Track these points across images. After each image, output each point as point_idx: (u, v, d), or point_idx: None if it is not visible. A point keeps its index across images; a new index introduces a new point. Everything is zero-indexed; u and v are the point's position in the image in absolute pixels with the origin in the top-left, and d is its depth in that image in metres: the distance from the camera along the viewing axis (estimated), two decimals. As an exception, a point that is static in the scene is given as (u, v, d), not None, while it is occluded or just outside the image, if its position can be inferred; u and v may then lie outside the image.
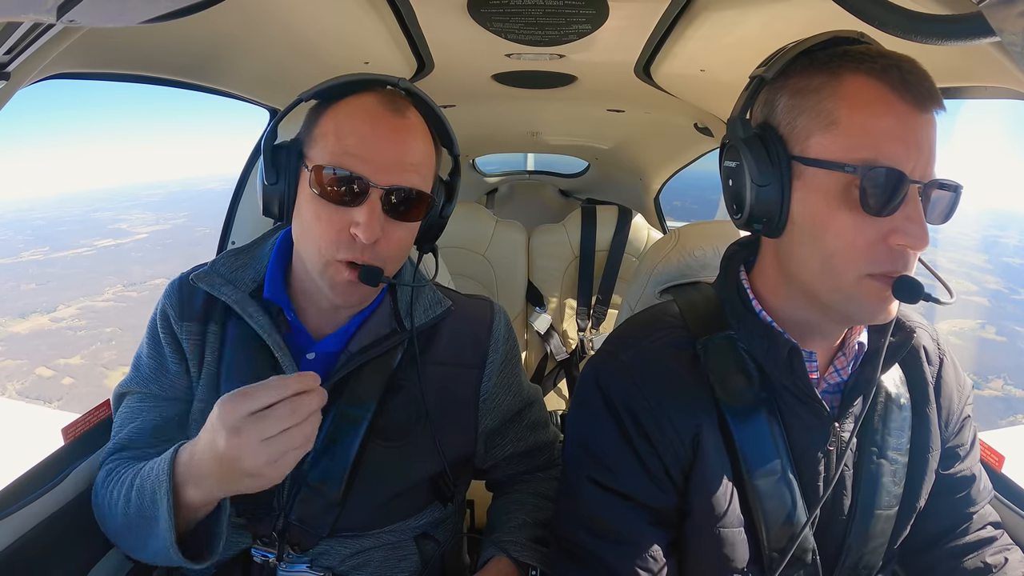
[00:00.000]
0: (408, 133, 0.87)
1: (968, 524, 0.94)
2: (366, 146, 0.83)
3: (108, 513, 0.89)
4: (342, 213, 0.83)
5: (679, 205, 3.44)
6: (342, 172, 0.82)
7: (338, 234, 0.84)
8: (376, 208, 0.83)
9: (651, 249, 1.38)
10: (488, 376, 1.04)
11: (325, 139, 0.85)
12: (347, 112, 0.86)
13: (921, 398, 0.90)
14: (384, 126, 0.85)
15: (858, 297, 0.72)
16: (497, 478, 1.19)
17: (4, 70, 0.77)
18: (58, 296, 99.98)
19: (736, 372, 0.83)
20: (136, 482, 0.84)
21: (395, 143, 0.85)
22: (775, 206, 0.74)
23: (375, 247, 0.85)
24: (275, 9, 1.17)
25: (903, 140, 0.68)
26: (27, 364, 70.69)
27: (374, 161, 0.83)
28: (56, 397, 58.37)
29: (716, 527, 0.81)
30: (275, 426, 0.69)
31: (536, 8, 1.19)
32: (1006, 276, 74.58)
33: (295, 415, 0.70)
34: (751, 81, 0.78)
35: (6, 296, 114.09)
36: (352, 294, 0.88)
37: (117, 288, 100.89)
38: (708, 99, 1.88)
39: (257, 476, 0.72)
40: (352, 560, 0.97)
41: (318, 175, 0.83)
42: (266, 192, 0.89)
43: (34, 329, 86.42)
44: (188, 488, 0.78)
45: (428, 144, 0.91)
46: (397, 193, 0.84)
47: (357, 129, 0.84)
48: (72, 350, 74.92)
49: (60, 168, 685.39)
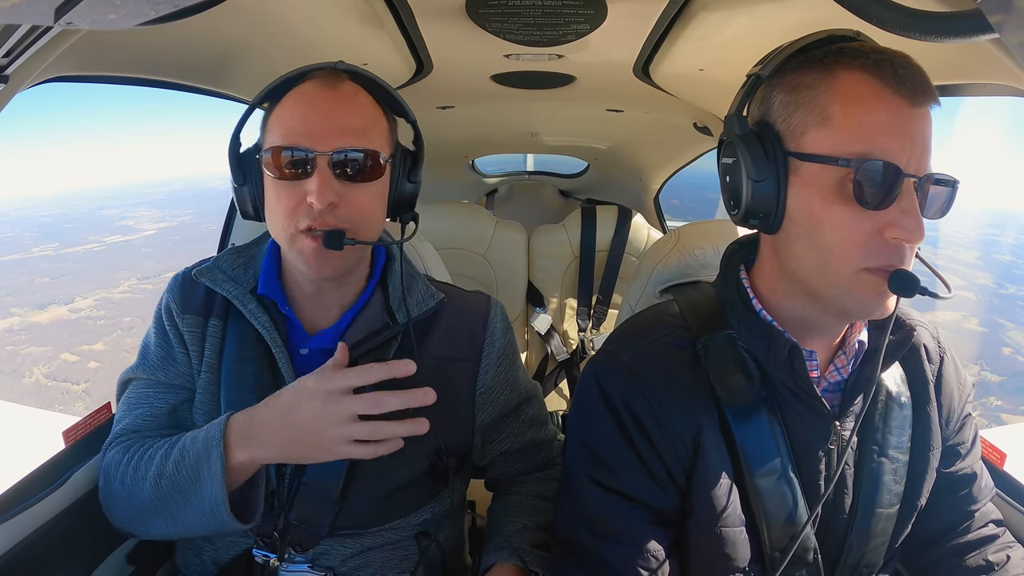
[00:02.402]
0: (344, 102, 0.90)
1: (970, 522, 0.94)
2: (307, 122, 0.88)
3: (131, 492, 0.90)
4: (297, 187, 0.87)
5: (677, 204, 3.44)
6: (287, 149, 0.87)
7: (296, 205, 0.87)
8: (326, 174, 0.86)
9: (651, 249, 1.38)
10: (485, 369, 1.05)
11: (274, 130, 0.90)
12: (289, 101, 0.91)
13: (922, 396, 0.90)
14: (321, 100, 0.89)
15: (855, 291, 0.73)
16: (496, 477, 1.18)
17: (2, 73, 0.77)
18: (73, 289, 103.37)
19: (736, 371, 0.83)
20: (174, 453, 0.88)
21: (332, 112, 0.89)
22: (771, 201, 0.75)
23: (335, 212, 0.87)
24: (273, 11, 1.17)
25: (897, 134, 0.69)
26: (51, 351, 73.84)
27: (315, 133, 0.87)
28: (83, 379, 61.04)
29: (717, 527, 0.81)
30: (377, 407, 0.79)
31: (535, 8, 1.19)
32: (996, 272, 75.84)
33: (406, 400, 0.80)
34: (748, 79, 0.79)
35: (22, 289, 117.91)
36: (324, 263, 0.89)
37: (131, 281, 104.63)
38: (707, 98, 1.88)
39: (322, 450, 0.80)
40: (353, 560, 0.97)
41: (270, 158, 0.88)
42: (238, 195, 0.95)
43: (54, 319, 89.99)
44: (237, 451, 0.84)
45: (371, 110, 0.93)
46: (345, 156, 0.87)
47: (297, 112, 0.89)
48: (94, 337, 78.46)
49: (61, 167, 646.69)
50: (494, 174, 3.79)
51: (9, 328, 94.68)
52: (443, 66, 1.68)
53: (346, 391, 0.82)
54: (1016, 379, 44.28)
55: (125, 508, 0.92)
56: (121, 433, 0.97)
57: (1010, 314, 59.72)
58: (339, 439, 0.81)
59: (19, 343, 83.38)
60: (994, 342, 51.04)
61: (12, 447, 2.17)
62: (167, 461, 0.88)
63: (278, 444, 0.83)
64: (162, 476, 0.87)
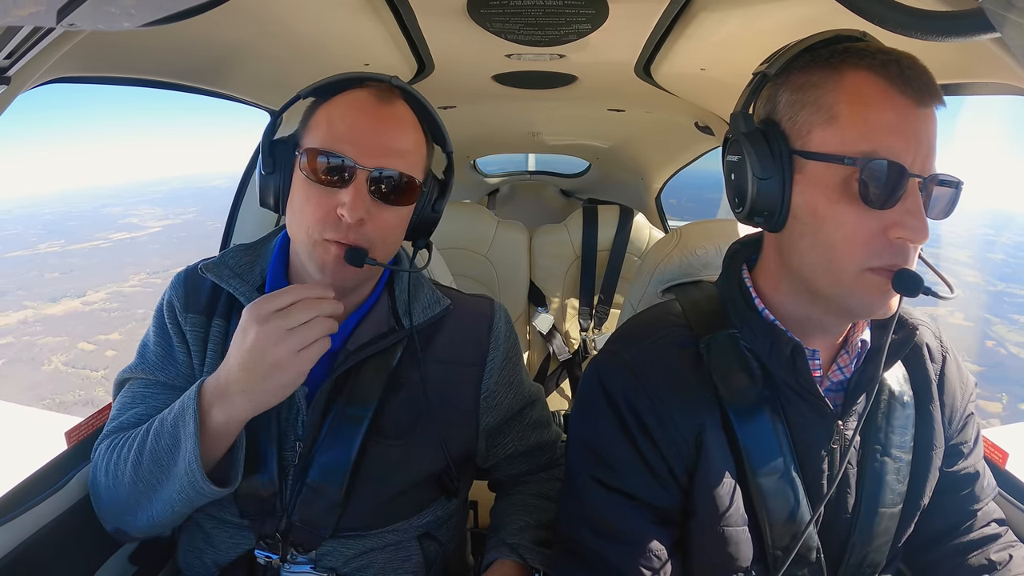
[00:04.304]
0: (395, 121, 0.90)
1: (972, 521, 0.94)
2: (354, 132, 0.87)
3: (114, 479, 0.90)
4: (330, 195, 0.86)
5: (675, 203, 3.44)
6: (330, 155, 0.86)
7: (326, 215, 0.86)
8: (362, 189, 0.86)
9: (653, 248, 1.38)
10: (489, 374, 1.05)
11: (317, 128, 0.89)
12: (339, 105, 0.90)
13: (924, 395, 0.90)
14: (372, 114, 0.89)
15: (858, 291, 0.73)
16: (499, 478, 1.19)
17: (4, 74, 0.77)
18: (84, 283, 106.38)
19: (739, 370, 0.83)
20: (154, 426, 0.87)
21: (382, 129, 0.89)
22: (776, 199, 0.75)
23: (361, 228, 0.87)
24: (275, 12, 1.17)
25: (902, 133, 0.69)
26: (68, 340, 76.27)
27: (360, 145, 0.86)
28: (101, 367, 62.98)
29: (720, 526, 0.81)
30: (297, 317, 0.79)
31: (536, 8, 1.19)
32: (985, 270, 77.12)
33: (315, 309, 0.80)
34: (754, 77, 0.79)
35: (32, 283, 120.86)
36: (340, 275, 0.89)
37: (141, 276, 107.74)
38: (709, 98, 1.88)
39: (281, 368, 0.79)
40: (355, 561, 0.97)
41: (308, 159, 0.87)
42: (263, 182, 0.93)
43: (67, 311, 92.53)
44: (214, 411, 0.83)
45: (417, 135, 0.93)
46: (382, 175, 0.87)
47: (346, 117, 0.88)
48: (110, 328, 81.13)
49: (62, 166, 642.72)
50: (496, 174, 3.79)
51: (24, 320, 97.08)
52: (444, 66, 1.68)
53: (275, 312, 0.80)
54: (996, 369, 46.78)
55: (111, 499, 0.91)
56: (113, 431, 0.96)
57: (997, 309, 61.23)
58: (286, 353, 0.79)
59: (35, 333, 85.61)
60: (979, 335, 53.78)
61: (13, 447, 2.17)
62: (147, 436, 0.87)
63: (247, 388, 0.81)
64: (142, 452, 0.87)
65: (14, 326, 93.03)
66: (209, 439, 0.84)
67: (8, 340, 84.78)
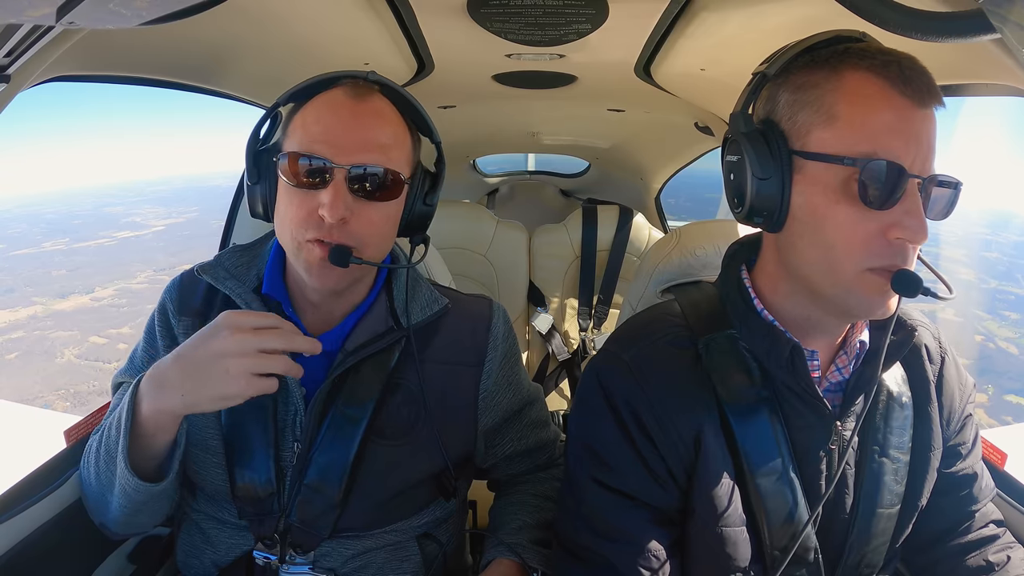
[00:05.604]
0: (372, 116, 0.89)
1: (970, 522, 0.94)
2: (329, 131, 0.86)
3: (90, 476, 0.91)
4: (311, 196, 0.85)
5: (673, 203, 3.45)
6: (306, 157, 0.85)
7: (308, 216, 0.86)
8: (341, 188, 0.85)
9: (652, 248, 1.38)
10: (487, 374, 1.04)
11: (294, 133, 0.89)
12: (314, 106, 0.89)
13: (923, 396, 0.90)
14: (346, 111, 0.88)
15: (858, 291, 0.73)
16: (498, 478, 1.19)
17: (4, 72, 0.77)
18: (92, 280, 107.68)
19: (738, 371, 0.83)
20: (112, 420, 0.87)
21: (356, 126, 0.87)
22: (776, 199, 0.75)
23: (346, 227, 0.86)
24: (275, 10, 1.17)
25: (902, 134, 0.69)
26: (79, 335, 77.30)
27: (335, 144, 0.86)
28: (114, 359, 63.41)
29: (718, 526, 0.81)
30: (271, 343, 0.78)
31: (536, 8, 1.19)
32: (979, 268, 78.40)
33: (290, 342, 0.79)
34: (754, 77, 0.79)
35: (39, 280, 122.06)
36: (327, 276, 0.88)
37: (148, 272, 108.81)
38: (708, 98, 1.88)
39: (229, 381, 0.77)
40: (354, 561, 0.97)
41: (287, 164, 0.86)
42: (250, 192, 0.93)
43: (77, 307, 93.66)
44: (144, 402, 0.81)
45: (397, 128, 0.92)
46: (362, 172, 0.86)
47: (321, 118, 0.88)
48: (120, 322, 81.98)
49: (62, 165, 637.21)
50: (495, 174, 3.79)
51: (34, 315, 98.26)
52: (444, 66, 1.68)
53: (252, 328, 0.79)
54: (982, 361, 48.56)
55: (89, 493, 0.92)
56: (98, 430, 0.95)
57: (988, 306, 62.66)
58: (244, 369, 0.76)
59: (47, 328, 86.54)
60: (969, 330, 55.33)
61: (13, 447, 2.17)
62: (107, 429, 0.87)
63: (185, 383, 0.78)
64: (101, 445, 0.87)
65: (24, 321, 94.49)
66: (141, 429, 0.82)
67: (20, 334, 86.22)
